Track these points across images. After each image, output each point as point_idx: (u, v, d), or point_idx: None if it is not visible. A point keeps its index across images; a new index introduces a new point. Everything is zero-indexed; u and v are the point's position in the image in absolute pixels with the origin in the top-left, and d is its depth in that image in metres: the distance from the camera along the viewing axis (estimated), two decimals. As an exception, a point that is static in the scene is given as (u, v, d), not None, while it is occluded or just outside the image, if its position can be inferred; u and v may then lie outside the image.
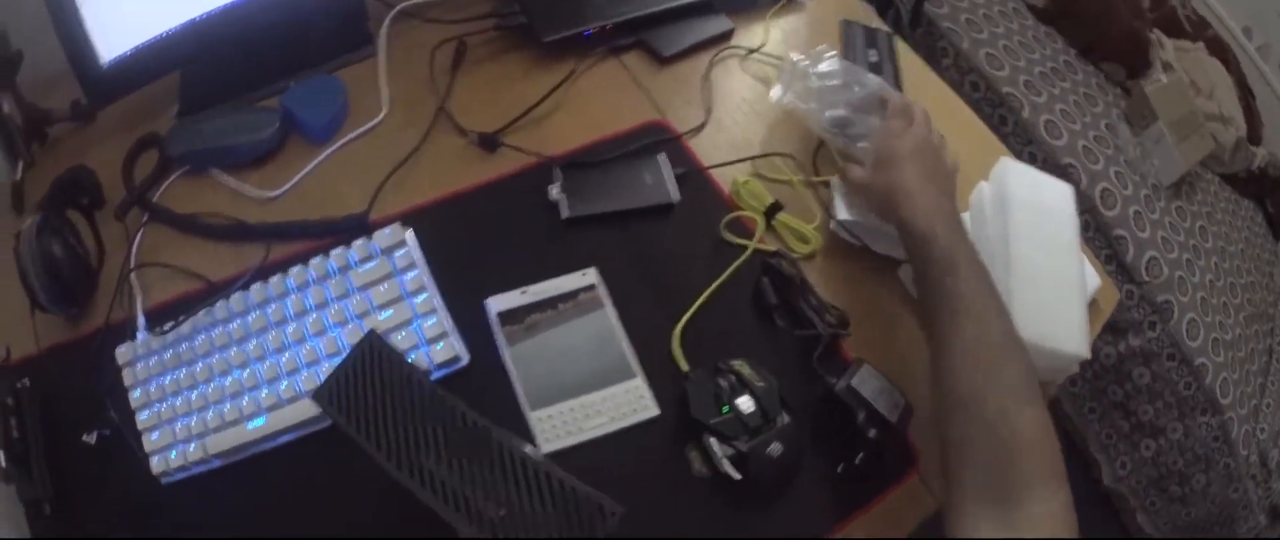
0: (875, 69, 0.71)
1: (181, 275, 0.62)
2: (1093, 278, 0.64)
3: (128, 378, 0.59)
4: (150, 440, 0.56)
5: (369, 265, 0.55)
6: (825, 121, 0.63)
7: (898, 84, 0.72)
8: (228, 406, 0.55)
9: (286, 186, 0.63)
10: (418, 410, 0.45)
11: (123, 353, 0.59)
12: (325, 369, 0.54)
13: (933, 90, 0.73)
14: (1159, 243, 1.07)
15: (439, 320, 0.53)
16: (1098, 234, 1.04)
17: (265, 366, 0.55)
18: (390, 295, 0.54)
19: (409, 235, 0.57)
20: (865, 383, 0.53)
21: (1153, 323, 1.06)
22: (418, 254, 0.56)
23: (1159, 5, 1.15)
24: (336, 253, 0.56)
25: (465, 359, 0.53)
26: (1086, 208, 1.00)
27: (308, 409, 0.53)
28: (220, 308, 0.58)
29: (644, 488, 0.52)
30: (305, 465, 0.55)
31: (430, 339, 0.53)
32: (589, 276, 0.55)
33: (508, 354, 0.53)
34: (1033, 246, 0.60)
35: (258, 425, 0.54)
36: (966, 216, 0.65)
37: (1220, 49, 1.25)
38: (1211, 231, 1.19)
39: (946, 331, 0.49)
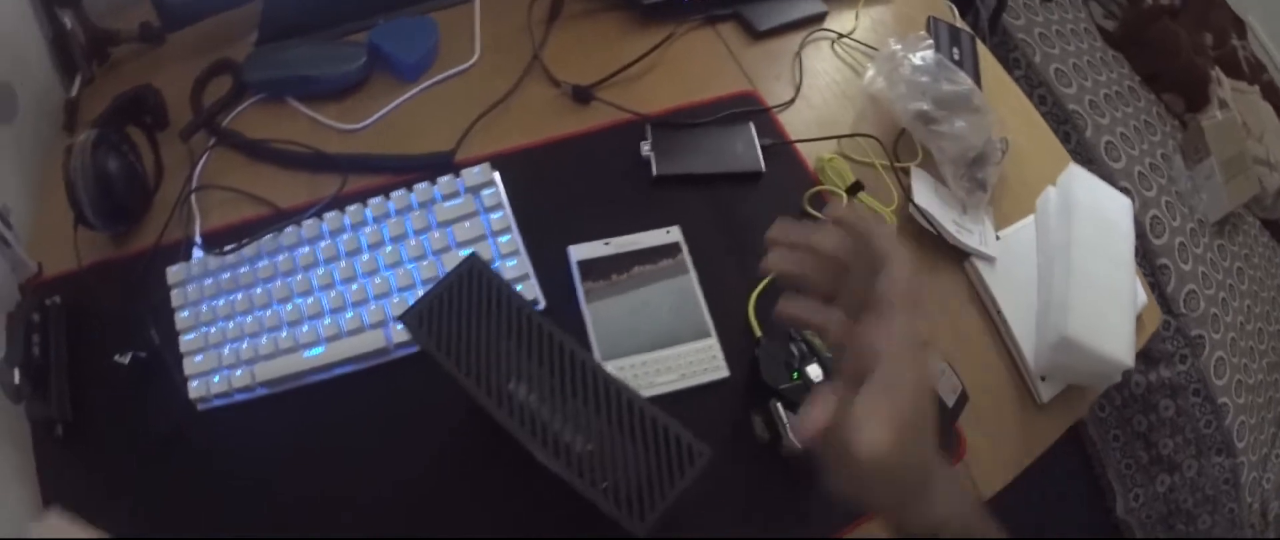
0: (957, 67, 0.71)
1: (247, 200, 0.61)
2: (1140, 294, 0.64)
3: (176, 298, 0.59)
4: (192, 363, 0.56)
5: (454, 202, 0.55)
6: (910, 112, 0.63)
7: (978, 84, 0.71)
8: (284, 334, 0.54)
9: (369, 120, 0.63)
10: (515, 338, 0.43)
11: (175, 272, 0.59)
12: (396, 303, 0.54)
13: (1009, 94, 0.73)
14: (1199, 277, 1.07)
15: (520, 263, 0.53)
16: (1144, 260, 1.04)
17: (331, 296, 0.55)
18: (473, 233, 0.54)
19: (496, 177, 0.57)
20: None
21: (1184, 356, 1.06)
22: (504, 196, 0.56)
23: (1221, 44, 1.15)
24: (420, 187, 0.56)
25: (542, 304, 0.53)
26: (1137, 233, 1.00)
27: (371, 342, 0.53)
28: (289, 233, 0.57)
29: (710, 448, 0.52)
30: (354, 400, 0.55)
31: (511, 279, 0.53)
32: (673, 234, 0.55)
33: (585, 302, 0.53)
34: (1091, 252, 0.60)
35: (315, 354, 0.53)
36: (1031, 220, 0.65)
37: (1274, 95, 1.24)
38: (1248, 274, 1.19)
39: None
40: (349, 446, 0.54)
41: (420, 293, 0.53)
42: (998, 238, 0.63)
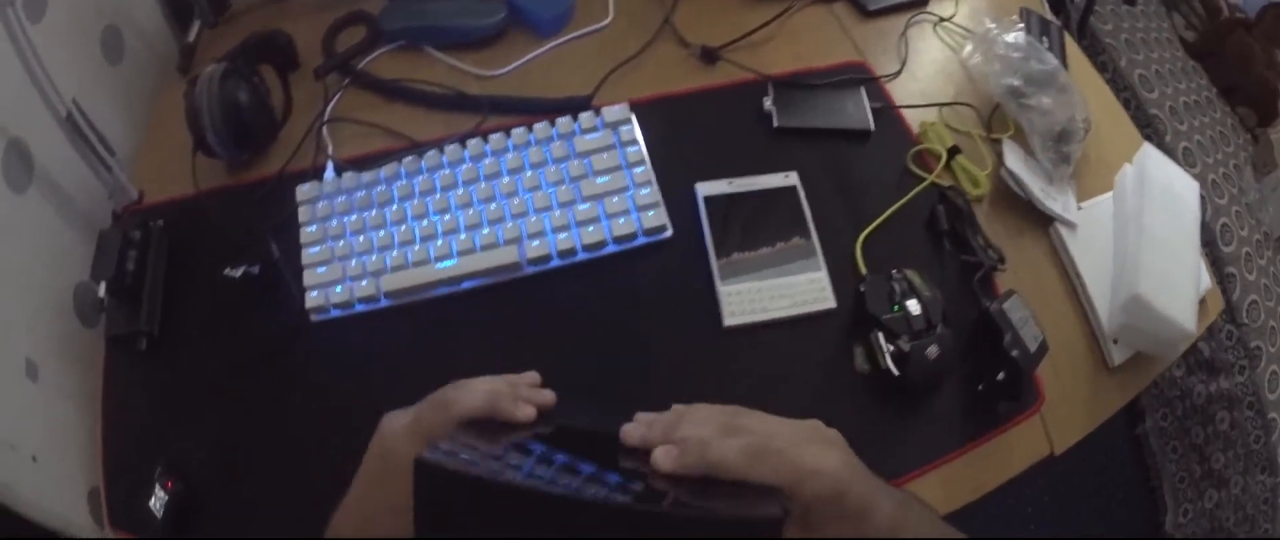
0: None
1: (380, 134, 0.65)
2: (1204, 276, 0.66)
3: (304, 214, 0.62)
4: (314, 275, 0.59)
5: (593, 135, 0.60)
6: (1002, 87, 0.67)
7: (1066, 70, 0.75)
8: (417, 247, 0.58)
9: (508, 67, 0.68)
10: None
11: (305, 190, 0.63)
12: (533, 222, 0.58)
13: (1091, 83, 0.76)
14: (1261, 289, 1.07)
15: (652, 192, 0.58)
16: (1212, 268, 1.04)
17: (468, 213, 0.59)
18: (609, 164, 0.59)
19: (633, 116, 0.62)
20: (1014, 309, 0.57)
21: (1243, 367, 1.06)
22: (639, 133, 0.61)
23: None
24: (562, 121, 0.61)
25: (670, 232, 0.58)
26: (1207, 240, 1.01)
27: (504, 257, 0.57)
28: (430, 155, 0.61)
29: (808, 373, 0.56)
30: (479, 315, 0.58)
31: (641, 207, 0.57)
32: (791, 178, 0.60)
33: (708, 233, 0.58)
34: (1162, 223, 0.63)
35: (446, 266, 0.57)
36: (1109, 196, 0.68)
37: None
38: (1308, 292, 1.18)
39: None
40: (466, 362, 0.55)
41: (557, 214, 0.58)
42: (1079, 208, 0.66)
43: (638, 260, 0.58)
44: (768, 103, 0.62)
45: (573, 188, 0.58)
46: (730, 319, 0.55)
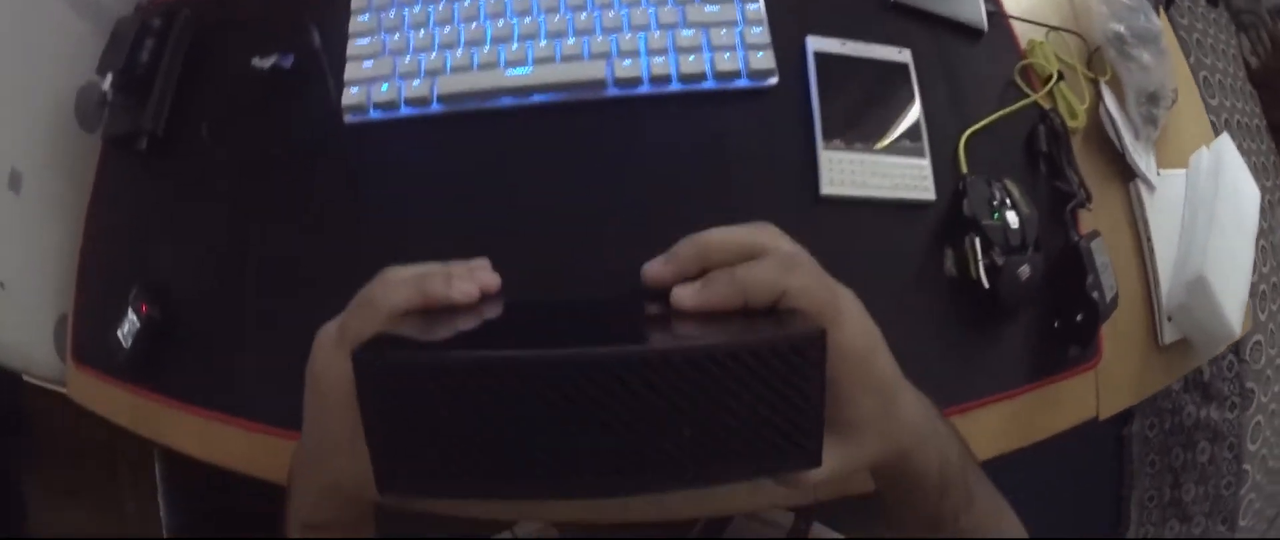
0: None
1: None
2: (1246, 291, 0.77)
3: (357, 1, 0.64)
4: (358, 68, 0.61)
5: (702, -42, 0.64)
6: (1109, 31, 0.76)
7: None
8: (486, 49, 0.60)
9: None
10: (533, 406, 0.31)
11: None
12: (627, 40, 0.61)
13: (1177, 63, 0.87)
14: (1269, 332, 1.23)
15: (764, 33, 0.62)
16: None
17: (553, 19, 0.61)
18: None
19: (747, -52, 0.66)
20: (1099, 252, 0.64)
21: (1233, 404, 1.21)
22: (755, -31, 0.65)
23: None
24: None
25: (775, 79, 0.62)
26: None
27: (588, 72, 0.59)
28: None
29: (896, 264, 0.62)
30: (543, 134, 0.61)
31: (750, 45, 0.61)
32: (904, 56, 0.65)
33: (816, 90, 0.62)
34: (1229, 217, 0.73)
35: (519, 73, 0.59)
36: (1182, 173, 0.78)
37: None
38: (1308, 353, 1.37)
39: None
40: (521, 186, 0.60)
41: (655, 35, 0.61)
42: (1159, 174, 0.76)
43: (734, 104, 0.61)
44: (886, -28, 0.68)
45: (677, 10, 0.62)
46: (828, 187, 0.60)
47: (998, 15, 0.71)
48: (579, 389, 0.30)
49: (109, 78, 0.66)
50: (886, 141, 0.62)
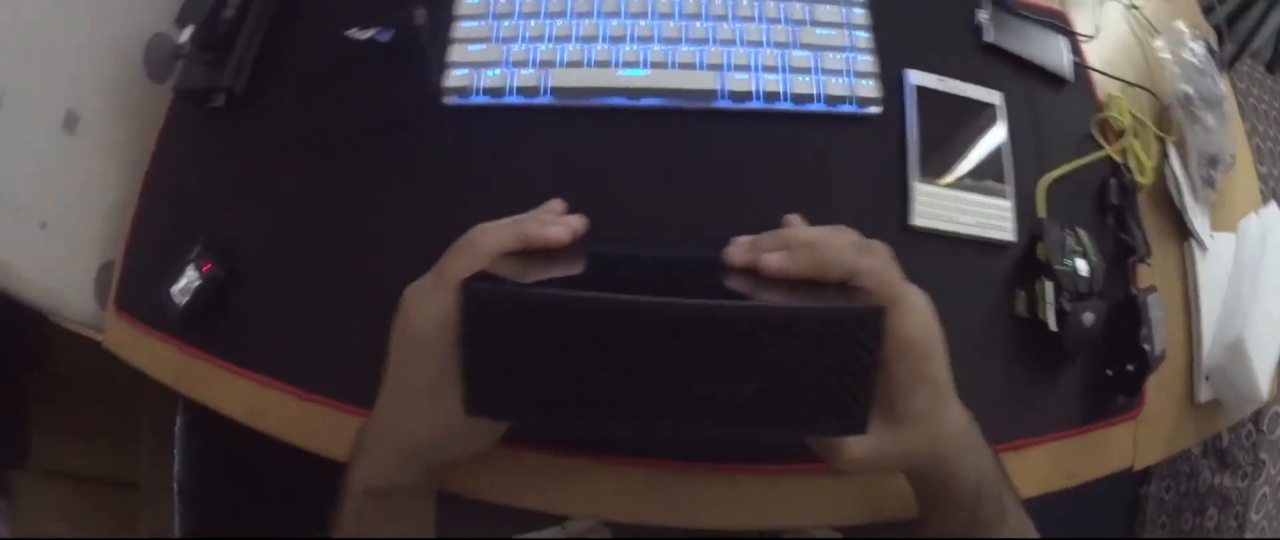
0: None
1: None
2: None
3: None
4: (465, 51, 0.69)
5: (820, -10, 0.74)
6: (1179, 92, 0.89)
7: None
8: (601, 47, 0.69)
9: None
10: (600, 347, 0.40)
11: None
12: (741, 54, 0.70)
13: (1237, 126, 1.01)
14: (1286, 405, 1.40)
15: (871, 62, 0.72)
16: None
17: (668, 25, 0.70)
18: (833, 18, 0.72)
19: (859, -16, 0.76)
20: (1155, 306, 0.76)
21: (1246, 473, 1.37)
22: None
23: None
24: None
25: (878, 109, 0.72)
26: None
27: (700, 81, 0.68)
28: None
29: (970, 302, 0.72)
30: (649, 138, 0.69)
31: (859, 73, 0.71)
32: (995, 98, 0.76)
33: (914, 123, 0.73)
34: (1272, 283, 0.85)
35: (633, 74, 0.68)
36: (1232, 236, 0.92)
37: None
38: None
39: None
40: (621, 183, 0.68)
41: (768, 52, 0.71)
42: (1212, 235, 0.89)
43: (837, 128, 0.71)
44: (982, 16, 0.79)
45: (791, 30, 0.71)
46: (918, 219, 0.70)
47: (1081, 66, 0.83)
48: (661, 334, 0.38)
49: (188, 31, 0.72)
50: (975, 180, 0.73)
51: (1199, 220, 0.87)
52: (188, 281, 0.67)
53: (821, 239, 0.47)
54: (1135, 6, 0.93)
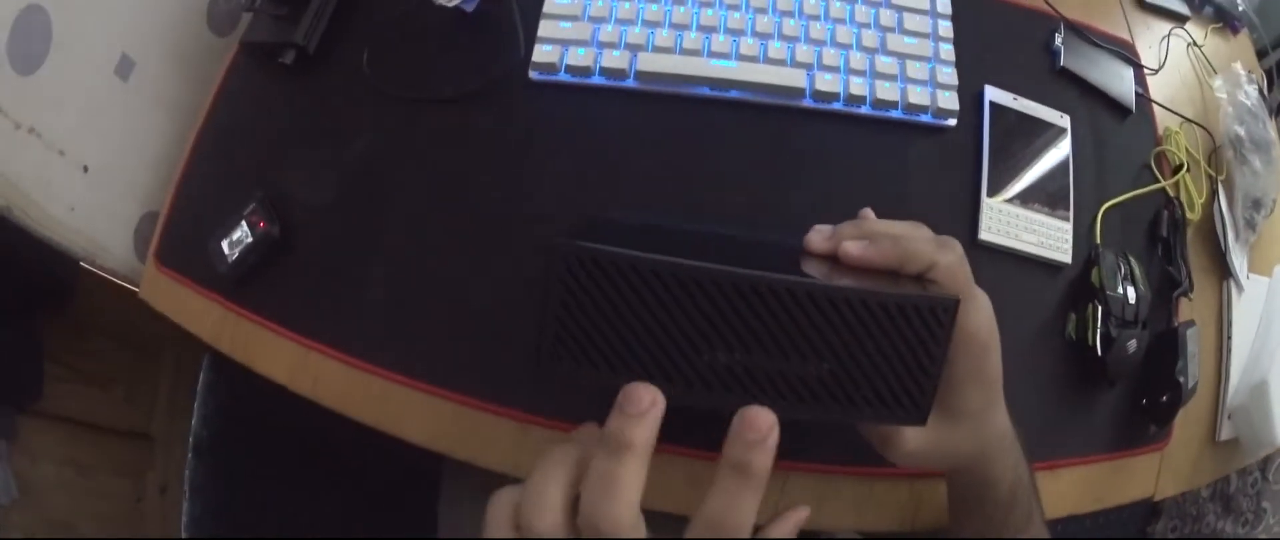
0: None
1: None
2: None
3: None
4: (556, 27, 0.70)
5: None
6: (1232, 133, 0.94)
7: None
8: (693, 35, 0.69)
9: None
10: (682, 309, 0.42)
11: None
12: (830, 55, 0.71)
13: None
14: (1288, 453, 1.47)
15: (952, 74, 0.73)
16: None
17: (762, 20, 0.71)
18: (920, 27, 0.73)
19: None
20: (1192, 341, 0.80)
21: (1248, 520, 1.44)
22: (950, 10, 0.77)
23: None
24: None
25: (955, 121, 0.73)
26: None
27: (789, 78, 0.69)
28: None
29: (1024, 320, 0.74)
30: (730, 130, 0.70)
31: (940, 84, 0.73)
32: (1064, 121, 0.78)
33: (988, 139, 0.76)
34: None
35: (721, 65, 0.69)
36: (1265, 280, 0.96)
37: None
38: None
39: None
40: (700, 175, 0.70)
41: (856, 55, 0.74)
42: (1248, 277, 0.94)
43: (913, 137, 0.73)
44: (1058, 39, 0.82)
45: (879, 36, 0.73)
46: (986, 234, 0.72)
47: (1143, 98, 0.87)
48: (740, 304, 0.40)
49: None
50: (1040, 200, 0.75)
51: (1239, 260, 0.91)
52: (240, 236, 0.67)
53: (902, 232, 0.48)
54: (1197, 45, 0.97)
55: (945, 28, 0.74)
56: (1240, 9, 1.02)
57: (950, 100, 0.72)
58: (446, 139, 0.71)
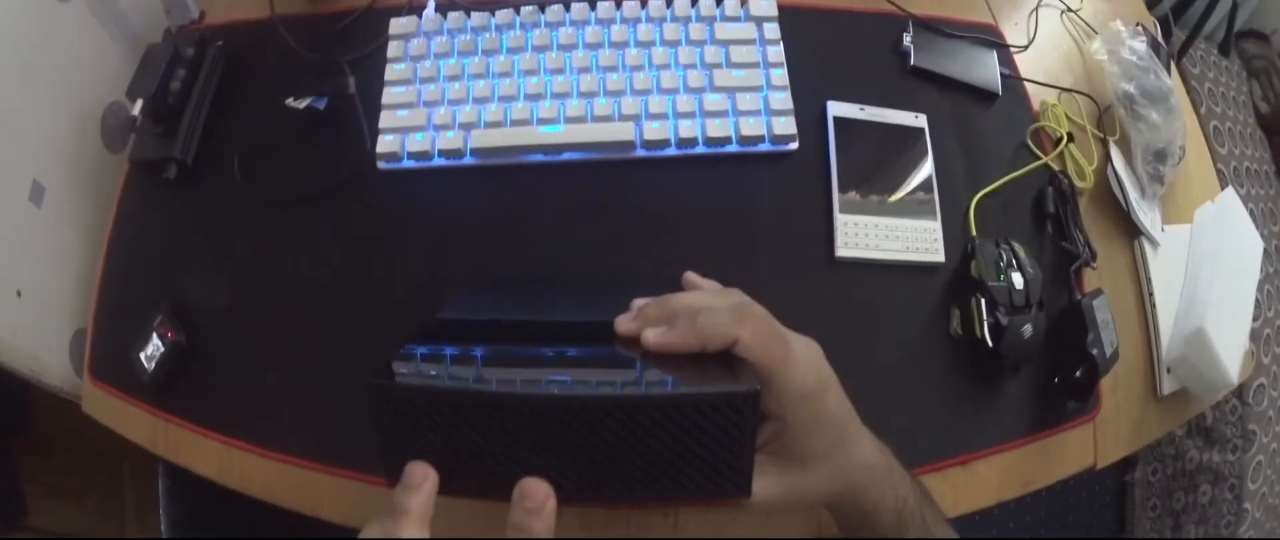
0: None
1: None
2: (1247, 338, 0.83)
3: (394, 50, 0.70)
4: (393, 117, 0.67)
5: (735, 25, 0.70)
6: (1120, 91, 0.81)
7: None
8: (520, 105, 0.66)
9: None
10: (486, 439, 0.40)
11: (401, 23, 0.70)
12: (656, 102, 0.66)
13: (1188, 117, 0.92)
14: (1272, 375, 1.29)
15: (786, 98, 0.68)
16: (1234, 340, 1.25)
17: (585, 79, 0.67)
18: (748, 59, 0.68)
19: (778, 16, 0.71)
20: (1101, 309, 0.70)
21: (1235, 446, 1.27)
22: (781, 36, 0.70)
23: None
24: (704, 3, 0.70)
25: (796, 145, 0.68)
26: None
27: (618, 133, 0.65)
28: (552, 10, 0.69)
29: (905, 323, 0.67)
30: (574, 190, 0.66)
31: (774, 111, 0.67)
32: (919, 120, 0.71)
33: (834, 155, 0.68)
34: (1230, 270, 0.79)
35: (551, 131, 0.65)
36: (1188, 228, 0.83)
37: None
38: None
39: None
40: (548, 239, 0.65)
41: (683, 98, 0.66)
42: (1163, 230, 0.81)
43: (755, 167, 0.67)
44: (907, 39, 0.73)
45: (705, 75, 0.67)
46: (843, 250, 0.66)
47: (1012, 78, 0.77)
48: (552, 420, 0.38)
49: (139, 104, 0.70)
50: (899, 205, 0.68)
51: (1149, 217, 0.80)
52: (153, 349, 0.65)
53: (704, 304, 0.44)
54: (1071, 10, 0.84)
55: (776, 53, 0.68)
56: (1124, -40, 0.89)
57: (787, 125, 0.65)
58: (315, 234, 0.69)
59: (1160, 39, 0.95)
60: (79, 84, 0.73)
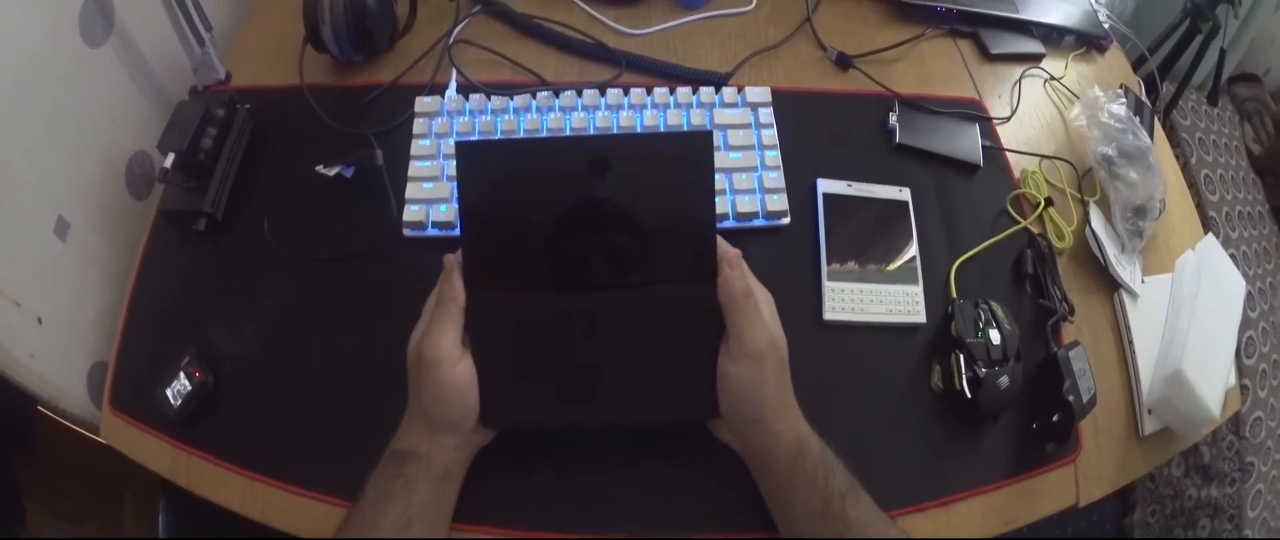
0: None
1: (505, 66, 0.74)
2: (1231, 373, 0.80)
3: (419, 126, 0.70)
4: (419, 188, 0.67)
5: (733, 110, 0.71)
6: (1098, 154, 0.81)
7: (1151, 153, 0.90)
8: None
9: (648, 30, 0.79)
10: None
11: (426, 102, 0.71)
12: None
13: (1171, 172, 0.91)
14: (1269, 408, 1.25)
15: (779, 178, 0.69)
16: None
17: None
18: (744, 142, 0.69)
19: (771, 101, 0.72)
20: (1077, 359, 0.68)
21: (1233, 479, 1.23)
22: (774, 119, 0.72)
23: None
24: (704, 91, 0.71)
25: (788, 220, 0.69)
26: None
27: None
28: (566, 96, 0.71)
29: (889, 379, 0.67)
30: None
31: (768, 189, 0.68)
32: (904, 194, 0.71)
33: (823, 228, 0.69)
34: (1210, 312, 0.77)
35: None
36: (1169, 277, 0.82)
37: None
38: (1310, 423, 1.37)
39: None
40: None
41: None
42: (1143, 281, 0.80)
43: (751, 241, 0.68)
44: (893, 118, 0.74)
45: None
46: (830, 314, 0.66)
47: (994, 150, 0.77)
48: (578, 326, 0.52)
49: (171, 157, 0.68)
50: (884, 272, 0.68)
51: (1128, 270, 0.79)
52: (180, 386, 0.65)
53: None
54: (1054, 78, 0.85)
55: (769, 135, 0.69)
56: (1107, 26, 0.89)
57: (780, 202, 0.66)
58: (342, 292, 0.69)
59: (1144, 98, 0.95)
60: (106, 130, 0.71)
